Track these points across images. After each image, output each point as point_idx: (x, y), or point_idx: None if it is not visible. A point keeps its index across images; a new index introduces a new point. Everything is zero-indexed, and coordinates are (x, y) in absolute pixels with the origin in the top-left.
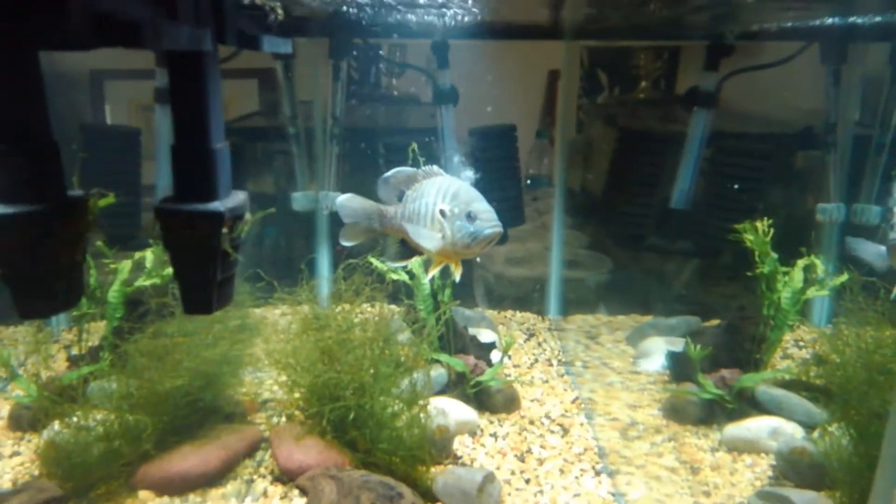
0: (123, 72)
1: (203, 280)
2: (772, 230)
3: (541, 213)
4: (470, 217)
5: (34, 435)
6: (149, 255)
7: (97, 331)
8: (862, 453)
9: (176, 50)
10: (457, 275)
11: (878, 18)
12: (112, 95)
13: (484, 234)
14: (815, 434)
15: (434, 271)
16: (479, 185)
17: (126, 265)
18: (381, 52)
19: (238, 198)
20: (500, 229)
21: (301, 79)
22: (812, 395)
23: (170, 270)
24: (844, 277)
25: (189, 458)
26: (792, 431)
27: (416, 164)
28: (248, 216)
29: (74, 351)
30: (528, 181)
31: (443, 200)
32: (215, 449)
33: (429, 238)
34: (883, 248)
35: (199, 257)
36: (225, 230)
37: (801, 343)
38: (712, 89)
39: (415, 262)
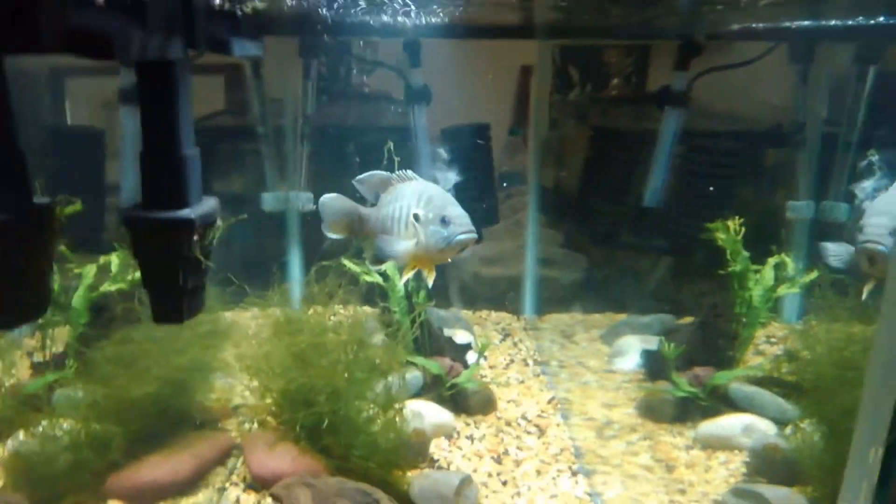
0: (85, 69)
1: (173, 289)
2: (743, 228)
3: (514, 211)
4: (444, 222)
5: None
6: (114, 260)
7: (61, 337)
8: (833, 449)
9: (146, 59)
10: (430, 280)
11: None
12: (73, 93)
13: (457, 238)
14: (787, 430)
15: (408, 275)
16: (454, 185)
17: (91, 269)
18: (351, 50)
19: (209, 204)
20: (474, 235)
21: (271, 77)
22: (784, 391)
23: (136, 275)
24: (815, 274)
25: (159, 467)
26: (765, 428)
27: (390, 166)
28: (219, 222)
29: (38, 358)
30: (505, 183)
31: (417, 205)
32: (186, 457)
33: (399, 247)
34: (851, 248)
35: (170, 266)
36: (196, 238)
37: (773, 339)
38: (683, 88)
39: (390, 264)
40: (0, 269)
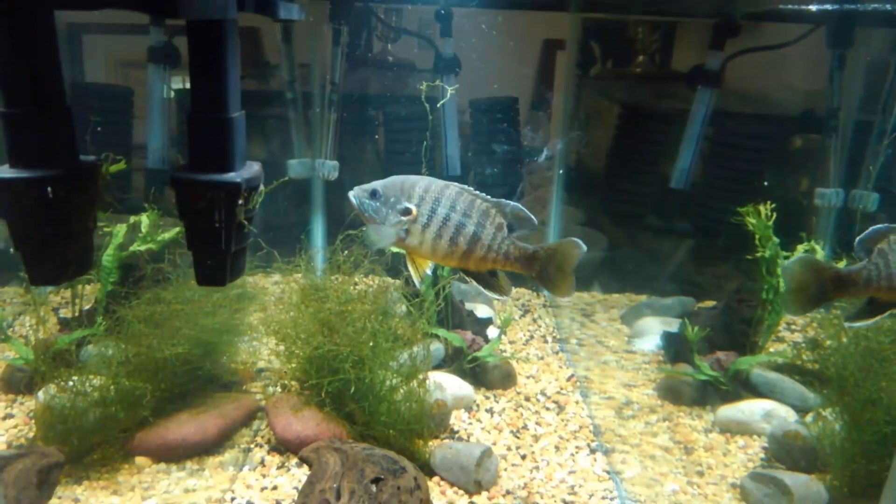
0: (103, 26)
1: (218, 251)
2: (774, 214)
3: (535, 187)
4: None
5: (28, 398)
6: (144, 220)
7: (87, 294)
8: (854, 439)
9: (198, 18)
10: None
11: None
12: (90, 51)
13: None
14: (808, 418)
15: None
16: (478, 156)
17: (121, 229)
18: (382, 16)
19: (253, 168)
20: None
21: (299, 42)
22: (806, 379)
23: (166, 236)
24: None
25: (187, 426)
26: (785, 415)
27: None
28: (261, 187)
29: (64, 314)
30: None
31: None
32: (213, 417)
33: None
34: None
35: (215, 228)
36: (240, 201)
37: (793, 327)
38: (717, 68)
39: None
40: (49, 223)
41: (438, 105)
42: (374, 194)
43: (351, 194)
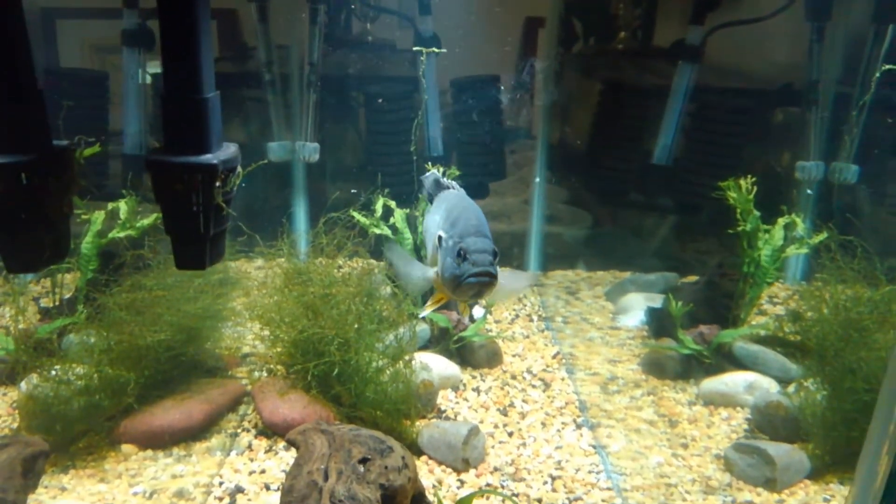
0: (76, 10)
1: (196, 235)
2: (755, 188)
3: (519, 166)
4: (459, 255)
5: (10, 388)
6: (122, 206)
7: (68, 283)
8: (835, 408)
9: None
10: (464, 315)
11: None
12: (64, 36)
13: (466, 281)
14: (791, 388)
15: (431, 308)
16: (460, 136)
17: (99, 216)
18: None
19: (230, 150)
20: (488, 280)
21: (276, 22)
22: (788, 350)
23: (145, 222)
24: (823, 235)
25: (172, 412)
26: (767, 386)
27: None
28: (239, 169)
29: (44, 303)
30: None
31: (444, 224)
32: (199, 403)
33: (417, 280)
34: None
35: (193, 211)
36: (217, 183)
37: (776, 300)
38: (697, 43)
39: (398, 216)
40: (24, 209)
41: (414, 49)
42: (459, 253)
43: (443, 265)
